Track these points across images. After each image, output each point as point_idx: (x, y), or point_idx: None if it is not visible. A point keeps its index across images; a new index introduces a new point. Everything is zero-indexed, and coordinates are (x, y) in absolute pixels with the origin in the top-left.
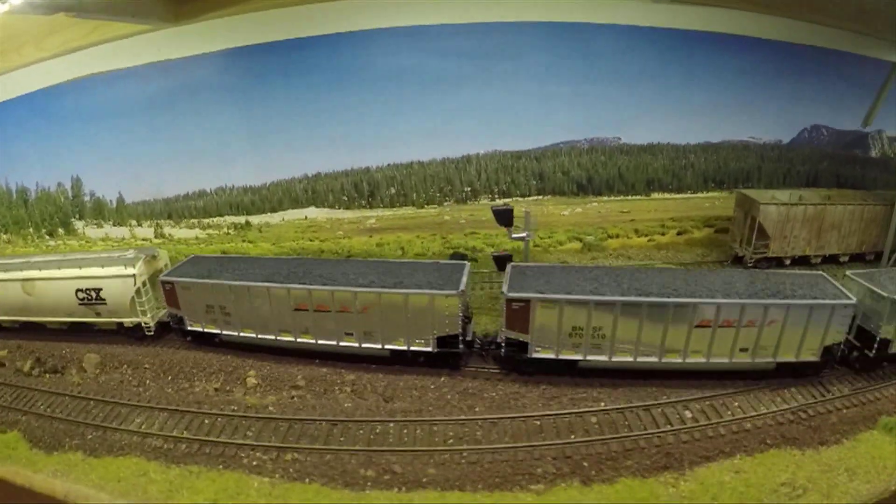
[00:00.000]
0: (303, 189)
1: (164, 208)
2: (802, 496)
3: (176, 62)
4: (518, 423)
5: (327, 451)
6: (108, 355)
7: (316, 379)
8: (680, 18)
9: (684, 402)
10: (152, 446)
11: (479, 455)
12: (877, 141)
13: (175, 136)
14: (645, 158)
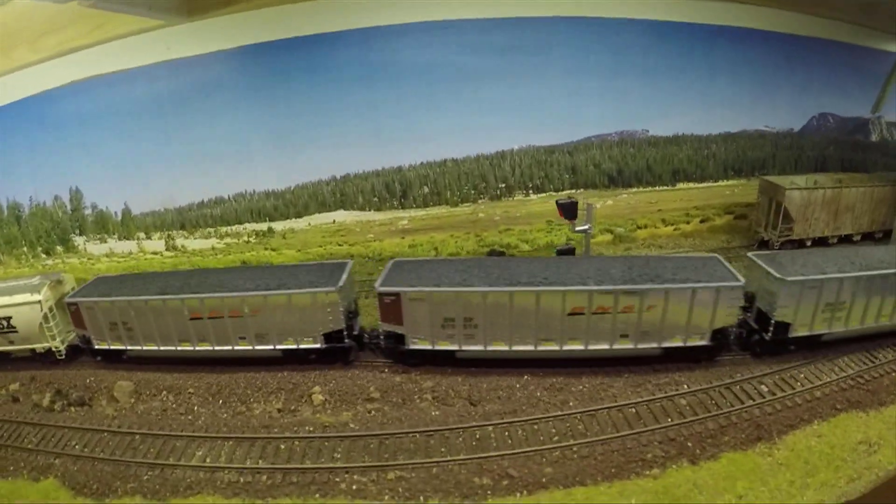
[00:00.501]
0: (330, 191)
1: (177, 218)
2: (878, 451)
3: (187, 61)
4: (615, 413)
5: (432, 465)
6: (141, 382)
7: (390, 389)
8: (702, 13)
9: (758, 377)
10: (226, 481)
11: (589, 448)
12: (877, 126)
13: (189, 140)
14: (671, 150)
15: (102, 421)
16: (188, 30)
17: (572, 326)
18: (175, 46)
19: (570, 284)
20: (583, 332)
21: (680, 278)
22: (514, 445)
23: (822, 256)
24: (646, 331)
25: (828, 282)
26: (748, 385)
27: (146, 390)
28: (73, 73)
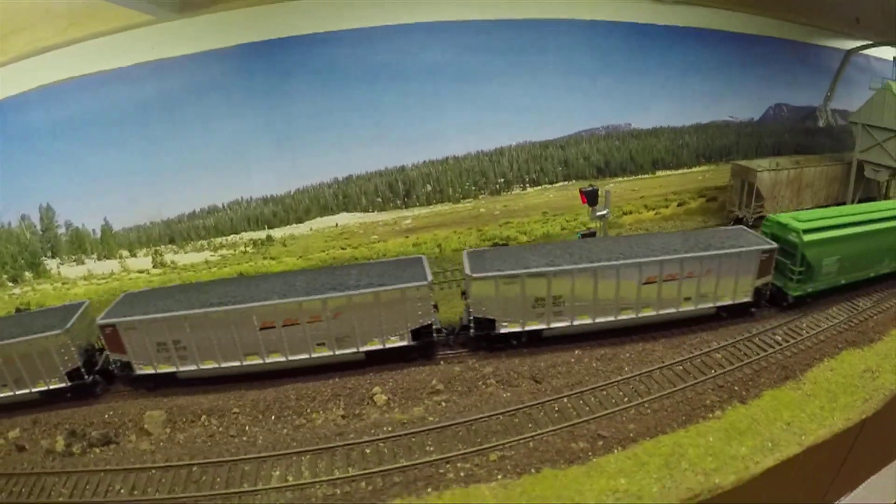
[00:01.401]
0: (333, 194)
1: (165, 232)
2: (879, 376)
3: (176, 61)
4: (666, 371)
5: (528, 440)
6: (173, 409)
7: (453, 380)
8: (676, 17)
9: (770, 330)
10: (321, 496)
11: (658, 403)
12: (823, 114)
13: (179, 147)
14: (651, 141)
15: (142, 457)
16: (176, 27)
17: None
18: (161, 45)
19: None
20: None
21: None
22: (594, 411)
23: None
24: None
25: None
26: (765, 336)
27: (181, 417)
28: (44, 76)
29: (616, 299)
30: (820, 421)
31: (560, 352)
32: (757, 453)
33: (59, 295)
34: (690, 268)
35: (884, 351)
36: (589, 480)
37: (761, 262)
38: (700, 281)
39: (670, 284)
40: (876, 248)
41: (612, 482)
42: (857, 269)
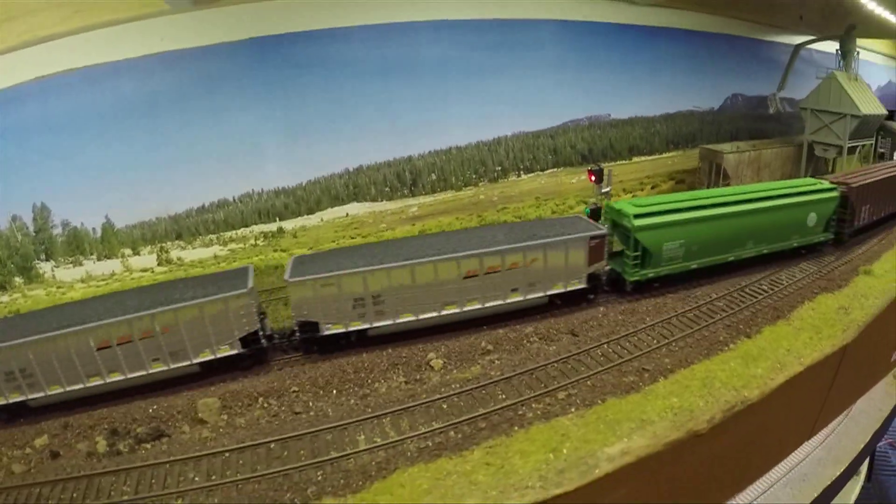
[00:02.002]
0: (343, 185)
1: (172, 227)
2: (851, 312)
3: (187, 53)
4: (681, 318)
5: (585, 379)
6: (226, 395)
7: (500, 341)
8: (649, 17)
9: (756, 281)
10: (415, 449)
11: (682, 342)
12: (773, 102)
13: (188, 140)
14: (627, 130)
15: (206, 444)
16: (187, 19)
17: None
18: (170, 37)
19: None
20: None
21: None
22: (632, 352)
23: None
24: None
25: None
26: (754, 287)
27: (236, 403)
28: (41, 67)
29: (438, 295)
30: (812, 347)
31: (590, 309)
32: (770, 372)
33: (52, 300)
34: (513, 259)
35: (851, 293)
36: (647, 402)
37: (591, 248)
38: (526, 271)
39: (493, 277)
40: (733, 232)
41: (666, 402)
42: (710, 253)
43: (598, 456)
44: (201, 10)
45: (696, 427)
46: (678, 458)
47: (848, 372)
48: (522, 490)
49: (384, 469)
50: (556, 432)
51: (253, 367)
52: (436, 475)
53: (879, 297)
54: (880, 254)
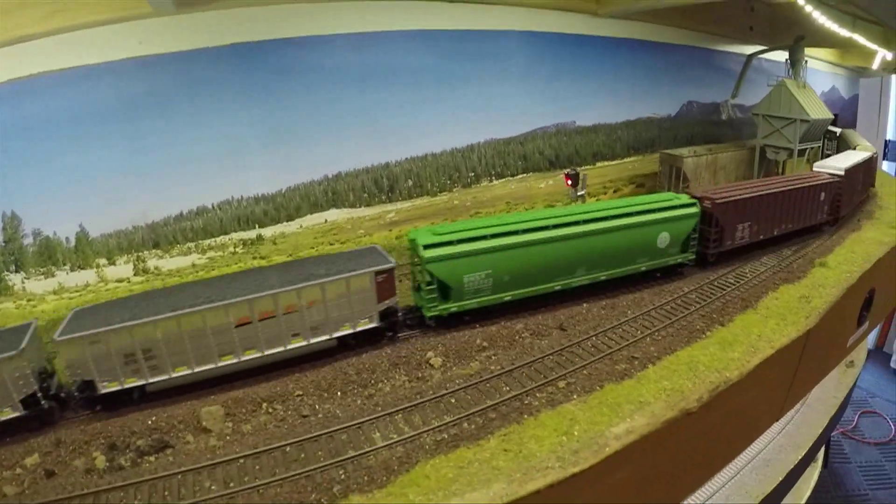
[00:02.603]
0: (322, 191)
1: (149, 236)
2: (812, 301)
3: (168, 57)
4: (659, 310)
5: (580, 369)
6: (228, 402)
7: (493, 337)
8: (611, 29)
9: (723, 276)
10: (432, 442)
11: (664, 332)
12: (725, 108)
13: (167, 146)
14: (591, 136)
15: (215, 453)
16: (168, 23)
17: None
18: (149, 41)
19: None
20: None
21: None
22: (619, 343)
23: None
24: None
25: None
26: (721, 280)
27: (240, 410)
28: (17, 68)
29: (212, 345)
30: (780, 332)
31: (572, 305)
32: (746, 356)
33: (22, 314)
34: (288, 302)
35: (810, 283)
36: (642, 386)
37: (378, 284)
38: (306, 314)
39: (269, 323)
40: (555, 259)
41: (658, 385)
42: (527, 283)
43: (607, 435)
44: (183, 15)
45: (688, 406)
46: (674, 435)
47: (811, 355)
48: (543, 471)
49: (406, 463)
50: (565, 417)
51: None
52: (458, 464)
53: (836, 287)
54: (833, 248)
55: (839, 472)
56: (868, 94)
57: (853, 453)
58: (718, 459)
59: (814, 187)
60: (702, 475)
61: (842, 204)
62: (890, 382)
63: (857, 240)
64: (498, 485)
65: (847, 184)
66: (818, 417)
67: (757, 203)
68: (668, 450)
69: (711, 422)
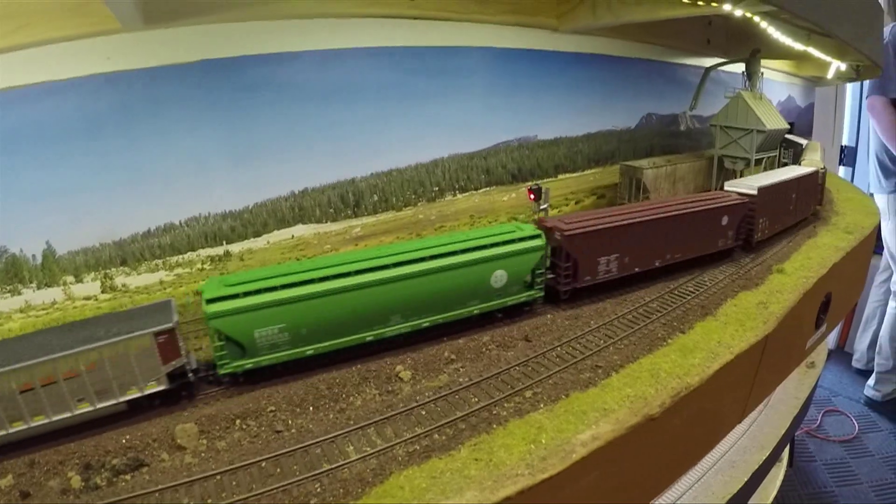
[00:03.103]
0: (289, 207)
1: (117, 253)
2: (770, 306)
3: (135, 73)
4: (622, 320)
5: (546, 379)
6: (202, 419)
7: (461, 350)
8: (570, 44)
9: (683, 283)
10: (404, 453)
11: (626, 340)
12: (683, 120)
13: (135, 163)
14: (553, 149)
15: (191, 470)
16: (135, 39)
17: None
18: (117, 57)
19: None
20: None
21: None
22: (584, 352)
23: None
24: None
25: None
26: (681, 289)
27: (214, 427)
28: None
29: None
30: (739, 338)
31: (536, 317)
32: (706, 361)
33: None
34: (68, 366)
35: (767, 290)
36: (606, 394)
37: (160, 345)
38: (86, 379)
39: (53, 388)
40: (363, 307)
41: (621, 392)
42: (332, 335)
43: (574, 442)
44: (151, 31)
45: (651, 412)
46: (638, 440)
47: (770, 358)
48: (514, 478)
49: (380, 474)
50: (532, 426)
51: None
52: (431, 474)
53: (793, 292)
54: (790, 254)
55: (805, 471)
56: (823, 103)
57: (818, 452)
58: (683, 462)
59: (711, 210)
60: (668, 477)
61: (756, 228)
62: (852, 381)
63: (814, 245)
64: (470, 493)
65: (765, 205)
66: (781, 418)
67: (623, 232)
68: (634, 454)
69: (675, 426)
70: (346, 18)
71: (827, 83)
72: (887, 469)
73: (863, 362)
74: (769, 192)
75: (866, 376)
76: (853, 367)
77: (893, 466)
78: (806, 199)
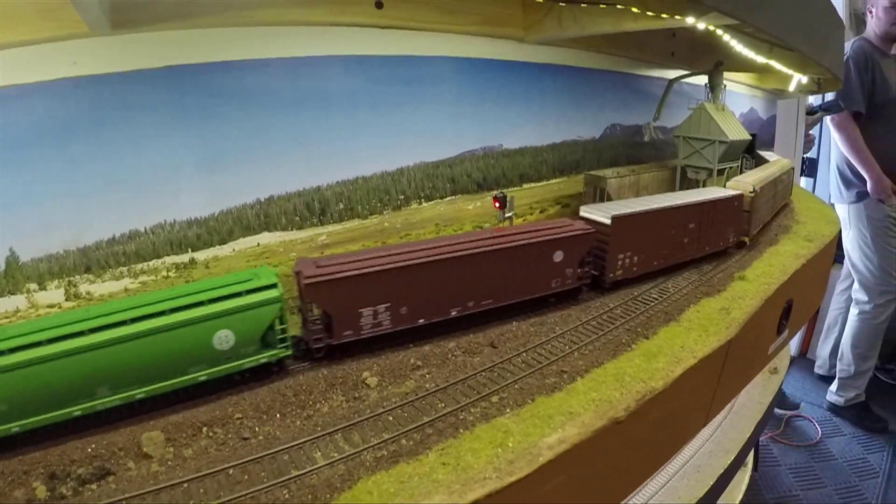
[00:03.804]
0: (255, 214)
1: (82, 260)
2: (731, 312)
3: (101, 79)
4: (586, 326)
5: (512, 384)
6: (168, 427)
7: (426, 356)
8: (536, 55)
9: (646, 291)
10: (372, 459)
11: (591, 346)
12: (647, 130)
13: (104, 169)
14: (518, 159)
15: (157, 478)
16: (103, 44)
17: None
18: (84, 61)
19: None
20: None
21: None
22: (550, 357)
23: None
24: None
25: None
26: (644, 296)
27: (180, 435)
28: None
29: None
30: (702, 343)
31: (501, 324)
32: (670, 366)
33: None
34: None
35: (729, 296)
36: (571, 398)
37: None
38: None
39: None
40: (63, 380)
41: (587, 396)
42: (37, 411)
43: (540, 445)
44: (119, 35)
45: (616, 415)
46: (604, 443)
47: (733, 363)
48: (482, 482)
49: (348, 480)
50: (499, 430)
51: None
52: (399, 479)
53: (754, 298)
54: (751, 262)
55: (770, 475)
56: (786, 115)
57: (782, 456)
58: (650, 465)
59: (534, 245)
60: (634, 480)
61: (612, 265)
62: (814, 387)
63: (775, 253)
64: (439, 496)
65: (627, 237)
66: (745, 423)
67: (394, 277)
68: (600, 457)
69: (640, 429)
70: (316, 26)
71: (789, 96)
72: (851, 473)
73: (825, 368)
74: (632, 221)
75: (828, 382)
76: (816, 373)
77: (857, 470)
78: (718, 229)
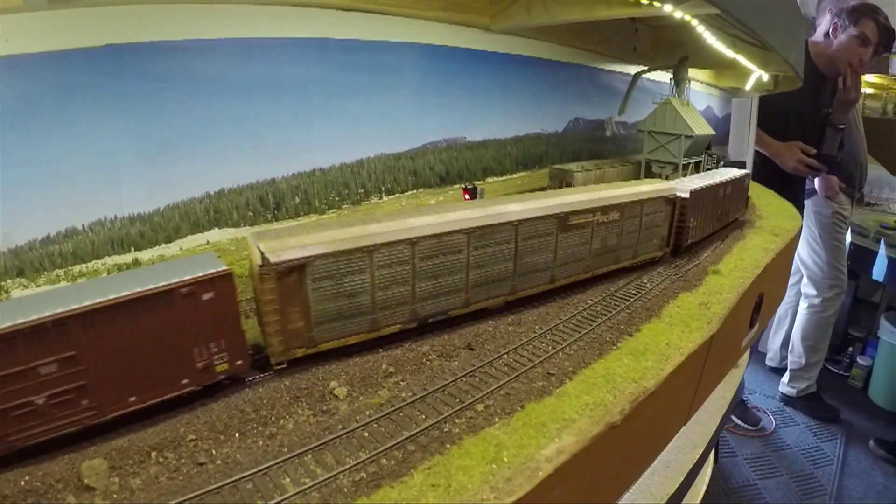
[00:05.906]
0: (204, 209)
1: (13, 263)
2: (711, 307)
3: (35, 58)
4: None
5: (498, 390)
6: (112, 453)
7: (398, 362)
8: (502, 45)
9: (623, 286)
10: (352, 482)
11: (574, 346)
12: (609, 125)
13: (35, 159)
14: (481, 152)
15: None
16: (38, 19)
17: None
18: (17, 38)
19: None
20: None
21: None
22: (533, 359)
23: None
24: None
25: None
26: (622, 292)
27: (126, 462)
28: None
29: None
30: (686, 339)
31: (476, 325)
32: (659, 364)
33: None
34: None
35: (707, 290)
36: (563, 403)
37: None
38: None
39: None
40: None
41: (579, 400)
42: None
43: (538, 458)
44: (57, 10)
45: (612, 419)
46: (601, 450)
47: (714, 358)
48: None
49: None
50: (490, 443)
51: None
52: (388, 498)
53: (731, 292)
54: (722, 256)
55: (728, 467)
56: (739, 113)
57: (739, 447)
58: (638, 467)
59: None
60: (624, 484)
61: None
62: (766, 379)
63: (744, 247)
64: None
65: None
66: (711, 417)
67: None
68: (596, 465)
69: (633, 432)
70: (270, 6)
71: (744, 94)
72: (806, 461)
73: (776, 361)
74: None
75: (780, 374)
76: (767, 365)
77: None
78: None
